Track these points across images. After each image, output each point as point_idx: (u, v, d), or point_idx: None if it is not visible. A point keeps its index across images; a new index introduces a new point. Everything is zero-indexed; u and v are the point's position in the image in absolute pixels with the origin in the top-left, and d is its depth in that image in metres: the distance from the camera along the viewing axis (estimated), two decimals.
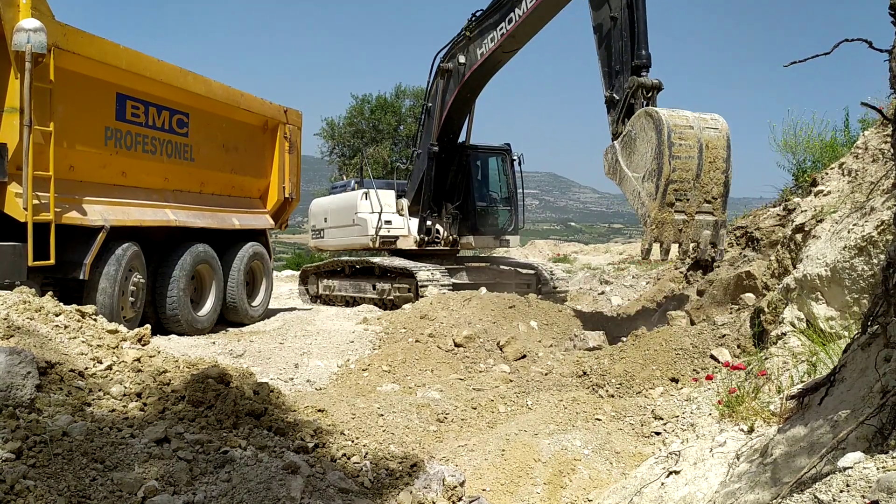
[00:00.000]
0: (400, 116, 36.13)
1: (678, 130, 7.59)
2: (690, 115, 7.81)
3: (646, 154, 7.76)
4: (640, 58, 8.48)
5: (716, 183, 7.83)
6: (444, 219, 13.80)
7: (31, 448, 2.86)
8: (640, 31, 8.50)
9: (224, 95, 11.18)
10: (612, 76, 8.71)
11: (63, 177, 8.23)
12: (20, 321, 4.12)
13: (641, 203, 7.84)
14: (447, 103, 12.25)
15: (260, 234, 12.40)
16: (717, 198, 7.89)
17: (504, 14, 10.54)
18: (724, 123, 7.93)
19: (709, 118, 7.90)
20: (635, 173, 7.92)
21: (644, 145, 7.79)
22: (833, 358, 4.10)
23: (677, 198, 7.68)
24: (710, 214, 7.93)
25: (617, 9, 8.64)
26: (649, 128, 7.71)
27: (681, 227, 7.80)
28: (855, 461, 2.21)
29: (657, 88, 8.47)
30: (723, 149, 7.82)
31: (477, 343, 8.21)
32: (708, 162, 7.73)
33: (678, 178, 7.62)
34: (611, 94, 8.74)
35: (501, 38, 10.68)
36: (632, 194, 8.03)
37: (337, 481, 3.37)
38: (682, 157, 7.61)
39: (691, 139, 7.64)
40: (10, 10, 7.50)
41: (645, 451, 5.08)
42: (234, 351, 8.58)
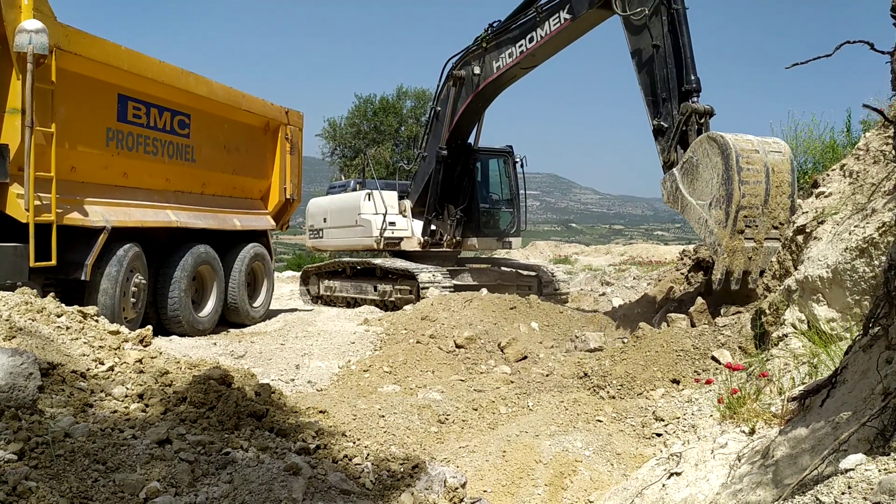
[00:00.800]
0: (401, 117, 36.15)
1: (745, 155, 7.44)
2: (754, 139, 7.67)
3: (711, 180, 7.62)
4: (689, 83, 8.40)
5: (783, 208, 7.66)
6: (447, 220, 13.80)
7: (34, 449, 2.87)
8: (687, 57, 8.42)
9: (225, 96, 11.19)
10: (659, 104, 8.60)
11: (64, 178, 8.23)
12: (22, 322, 4.13)
13: (710, 231, 7.68)
14: (458, 110, 12.23)
15: (261, 234, 12.40)
16: (783, 223, 7.66)
17: (525, 31, 10.47)
18: (786, 147, 7.82)
19: (771, 142, 7.77)
20: (700, 200, 7.76)
21: (709, 171, 7.64)
22: (834, 360, 4.10)
23: (747, 224, 7.54)
24: (778, 240, 7.64)
25: (658, 37, 8.54)
26: (714, 153, 7.56)
27: (750, 255, 7.64)
28: (856, 463, 2.21)
29: (710, 114, 8.39)
30: (788, 173, 7.66)
31: (478, 344, 8.21)
32: (775, 186, 7.57)
33: (748, 203, 7.46)
34: (658, 122, 8.62)
35: (521, 55, 10.62)
36: (697, 222, 7.86)
37: (338, 482, 3.37)
38: (750, 182, 7.45)
39: (758, 164, 7.49)
40: (12, 12, 7.51)
41: (646, 453, 5.08)
42: (235, 352, 8.59)
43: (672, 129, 8.45)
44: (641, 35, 8.75)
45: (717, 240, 7.58)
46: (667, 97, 8.54)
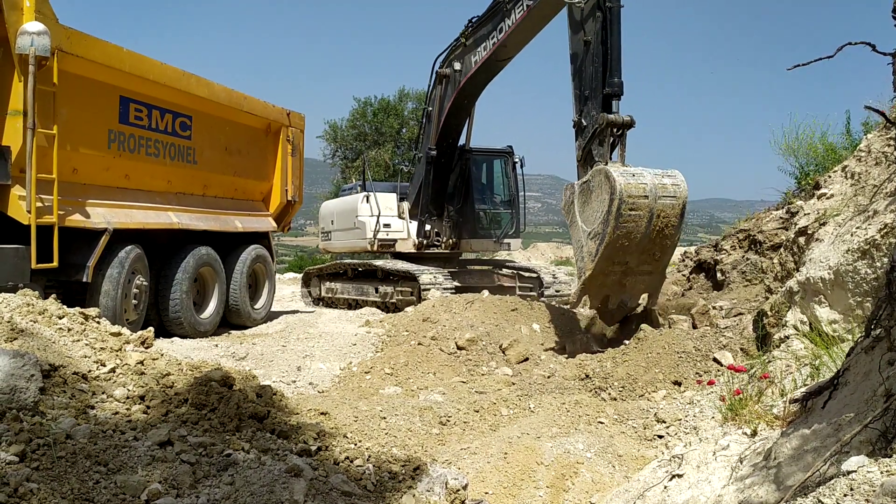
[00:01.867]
0: (402, 119, 36.15)
1: (631, 202, 7.47)
2: (649, 181, 7.62)
3: (597, 213, 7.71)
4: (611, 85, 8.26)
5: (660, 248, 7.87)
6: (444, 222, 13.80)
7: (35, 451, 2.87)
8: (612, 58, 8.30)
9: (227, 98, 11.20)
10: (582, 101, 8.55)
11: (66, 179, 8.24)
12: (24, 324, 4.13)
13: (581, 257, 7.93)
14: (445, 109, 12.27)
15: (262, 236, 12.41)
16: (658, 259, 7.98)
17: (496, 24, 10.54)
18: (683, 189, 7.80)
19: (669, 183, 7.73)
20: (584, 225, 7.89)
21: (597, 203, 7.72)
22: (836, 361, 4.10)
23: (615, 261, 7.76)
24: (648, 274, 8.11)
25: (591, 32, 8.45)
26: (605, 190, 7.59)
27: (613, 286, 8.07)
28: (859, 465, 2.21)
29: (627, 126, 8.30)
30: (675, 217, 7.75)
31: (479, 346, 8.21)
32: (656, 230, 7.69)
33: (620, 245, 7.61)
34: (579, 118, 8.59)
35: (493, 46, 10.68)
36: (576, 243, 8.11)
37: (340, 484, 3.36)
38: (629, 226, 7.55)
39: (643, 209, 7.55)
40: (14, 14, 7.52)
41: (648, 455, 5.07)
42: (236, 353, 8.59)
43: (589, 128, 8.40)
44: (578, 34, 8.68)
45: (584, 267, 7.87)
46: (589, 95, 8.46)
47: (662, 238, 7.77)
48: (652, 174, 7.75)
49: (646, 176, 7.68)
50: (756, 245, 8.69)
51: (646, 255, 7.86)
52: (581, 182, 8.10)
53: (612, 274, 7.92)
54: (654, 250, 7.85)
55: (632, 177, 7.61)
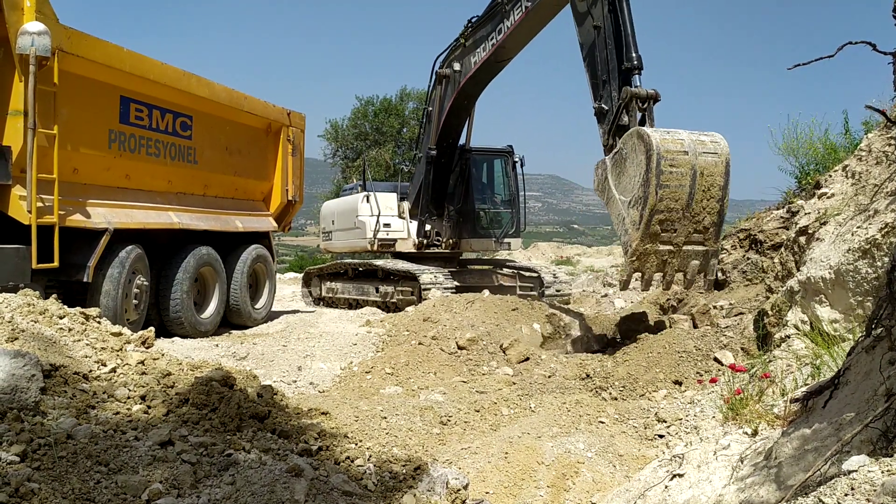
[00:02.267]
0: (403, 119, 36.16)
1: (670, 157, 7.03)
2: (686, 138, 7.23)
3: (634, 178, 7.25)
4: (629, 60, 8.00)
5: (709, 212, 7.33)
6: (444, 222, 13.80)
7: (36, 451, 2.87)
8: (627, 34, 8.07)
9: (227, 98, 11.20)
10: (599, 86, 8.33)
11: (67, 179, 8.24)
12: (24, 324, 4.13)
13: (625, 230, 7.41)
14: (445, 109, 12.27)
15: (263, 236, 12.41)
16: (708, 227, 7.40)
17: (495, 25, 10.52)
18: (724, 146, 7.38)
19: (708, 140, 7.31)
20: (623, 196, 7.44)
21: (633, 168, 7.29)
22: (837, 361, 4.10)
23: (663, 228, 7.22)
24: (701, 245, 7.47)
25: (599, 18, 8.30)
26: (640, 150, 7.18)
27: (665, 258, 7.38)
28: (859, 464, 2.21)
29: (653, 99, 7.94)
30: (720, 175, 7.26)
31: (480, 346, 8.21)
32: (701, 191, 7.20)
33: (665, 207, 7.12)
34: (599, 105, 8.32)
35: (492, 48, 10.66)
36: (616, 218, 7.61)
37: (341, 484, 3.37)
38: (671, 185, 7.08)
39: (684, 166, 7.10)
40: (14, 14, 7.52)
41: (648, 454, 5.08)
42: (237, 353, 8.59)
43: (611, 112, 8.12)
44: (586, 23, 8.55)
45: (629, 240, 7.31)
46: (607, 79, 8.23)
47: (709, 200, 7.22)
48: (688, 132, 7.32)
49: (682, 133, 7.25)
50: (757, 244, 8.69)
51: (694, 223, 7.29)
52: (612, 154, 7.65)
53: (661, 244, 7.28)
54: (703, 216, 7.29)
55: (667, 133, 7.19)
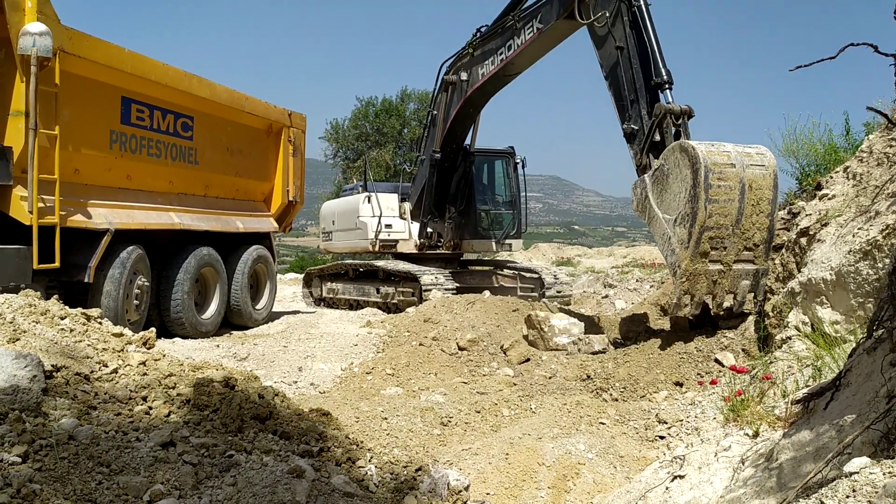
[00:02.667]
0: (404, 120, 36.19)
1: (717, 170, 6.71)
2: (732, 151, 6.92)
3: (679, 194, 6.95)
4: (658, 75, 7.80)
5: (758, 228, 6.93)
6: (446, 223, 13.81)
7: (38, 452, 2.87)
8: (654, 51, 7.88)
9: (228, 99, 11.21)
10: (627, 107, 8.12)
11: (68, 180, 8.25)
12: (26, 324, 4.13)
13: (672, 250, 7.02)
14: (450, 115, 12.26)
15: (264, 237, 12.42)
16: (759, 244, 6.99)
17: (505, 40, 10.45)
18: (771, 159, 7.06)
19: (754, 153, 7.00)
20: (666, 214, 7.10)
21: (678, 184, 6.98)
22: (838, 362, 4.10)
23: (713, 246, 6.84)
24: (751, 263, 7.04)
25: (621, 38, 8.15)
26: (684, 165, 6.86)
27: (715, 279, 6.96)
28: (861, 466, 2.21)
29: (688, 115, 7.70)
30: (768, 189, 6.91)
31: (480, 346, 8.21)
32: (750, 205, 6.83)
33: (715, 224, 6.77)
34: (628, 125, 8.10)
35: (501, 63, 10.61)
36: (661, 238, 7.22)
37: (342, 485, 3.37)
38: (720, 200, 6.74)
39: (732, 179, 6.76)
40: (16, 14, 7.53)
41: (649, 456, 5.08)
42: (238, 354, 8.60)
43: (642, 132, 7.92)
44: (606, 44, 8.40)
45: (677, 260, 6.95)
46: (634, 98, 8.05)
47: (758, 215, 6.85)
48: (734, 145, 6.99)
49: (727, 145, 6.94)
50: None
51: (744, 240, 6.91)
52: (652, 171, 7.36)
53: (711, 264, 6.90)
54: (753, 231, 6.91)
55: (711, 146, 6.89)
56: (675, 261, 6.98)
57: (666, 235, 7.07)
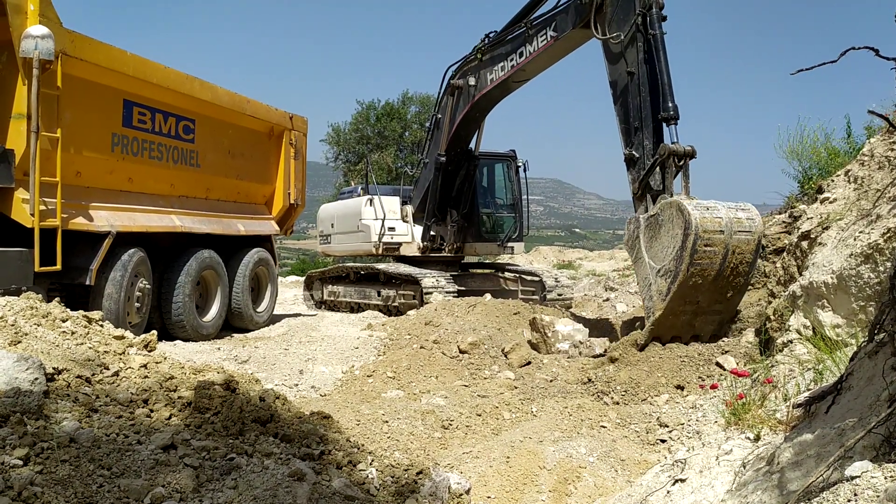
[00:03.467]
0: (405, 123, 36.22)
1: (706, 237, 7.01)
2: (724, 216, 7.17)
3: (667, 248, 7.28)
4: (666, 110, 7.95)
5: (733, 287, 7.35)
6: (448, 226, 13.80)
7: (39, 454, 2.87)
8: (664, 84, 8.00)
9: (230, 102, 11.23)
10: (631, 133, 8.29)
11: (70, 183, 8.26)
12: (27, 327, 4.14)
13: (650, 296, 7.46)
14: (456, 119, 12.23)
15: (265, 239, 12.42)
16: (731, 299, 7.43)
17: (515, 46, 10.40)
18: (758, 224, 7.39)
19: (744, 217, 7.28)
20: (652, 262, 7.47)
21: (668, 238, 7.31)
22: (840, 366, 4.10)
23: (688, 301, 7.26)
24: (719, 313, 7.51)
25: (633, 63, 8.25)
26: (677, 225, 7.17)
27: (684, 325, 7.45)
28: (862, 470, 2.21)
29: (690, 156, 7.92)
30: (750, 253, 7.27)
31: (481, 349, 8.20)
32: (730, 268, 7.20)
33: (694, 283, 7.14)
34: (629, 151, 8.30)
35: (512, 69, 10.57)
36: (643, 281, 7.65)
37: (343, 488, 3.37)
38: (703, 263, 7.08)
39: (718, 245, 7.08)
40: (18, 17, 7.55)
41: (650, 459, 5.07)
42: (239, 357, 8.59)
43: (643, 160, 8.13)
44: (619, 63, 8.48)
45: (653, 308, 7.37)
46: (639, 126, 8.22)
47: (736, 276, 7.28)
48: (726, 207, 7.32)
49: (720, 210, 7.26)
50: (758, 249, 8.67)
51: (718, 294, 7.35)
52: (648, 216, 7.70)
53: (682, 314, 7.36)
54: (728, 289, 7.36)
55: (706, 210, 7.18)
56: (651, 307, 7.43)
57: (648, 280, 7.50)
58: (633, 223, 7.91)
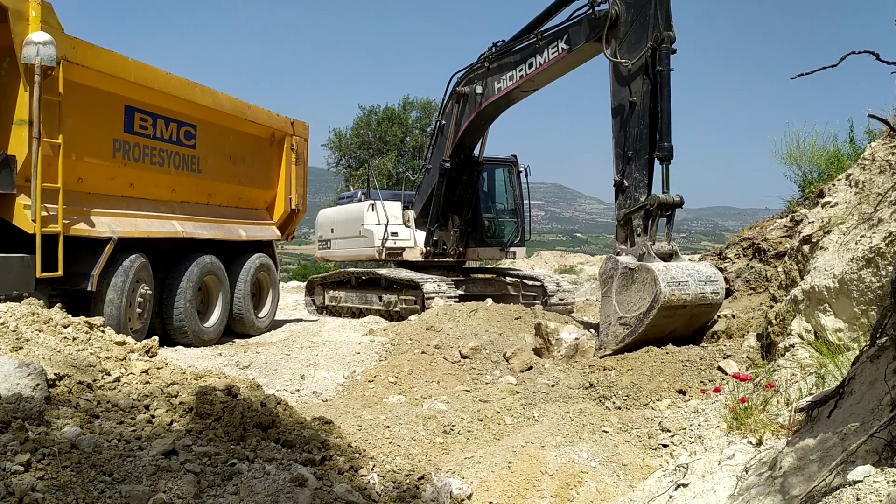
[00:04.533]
0: (406, 128, 36.23)
1: (668, 313, 7.66)
2: (691, 291, 7.77)
3: (633, 304, 7.86)
4: (661, 150, 8.29)
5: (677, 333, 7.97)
6: (451, 231, 13.80)
7: (40, 461, 2.87)
8: (663, 122, 8.26)
9: (231, 107, 11.24)
10: (624, 161, 8.50)
11: (71, 188, 8.27)
12: (29, 333, 4.14)
13: (607, 333, 8.11)
14: (461, 127, 12.22)
15: (266, 245, 12.42)
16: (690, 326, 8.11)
17: (525, 57, 10.42)
18: (721, 296, 8.05)
19: (709, 291, 7.91)
20: (618, 306, 8.03)
21: (637, 296, 7.85)
22: (842, 370, 4.09)
23: (639, 346, 7.76)
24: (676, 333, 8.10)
25: (637, 93, 8.39)
26: (647, 292, 7.70)
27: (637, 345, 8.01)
28: (865, 474, 2.20)
29: (677, 206, 8.40)
30: (711, 314, 8.09)
31: (483, 354, 8.19)
32: (683, 326, 7.96)
33: (648, 337, 7.77)
34: (620, 179, 8.55)
35: (521, 79, 10.59)
36: (604, 317, 8.23)
37: (344, 494, 3.36)
38: (661, 324, 7.73)
39: (678, 313, 7.77)
40: (20, 24, 7.57)
41: (652, 464, 5.06)
42: (240, 362, 8.59)
43: (631, 191, 8.42)
44: (622, 89, 8.59)
45: (605, 346, 8.08)
46: (633, 157, 8.43)
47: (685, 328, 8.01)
48: (696, 282, 7.83)
49: (689, 285, 7.79)
50: (760, 253, 8.68)
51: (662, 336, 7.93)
52: (625, 267, 8.09)
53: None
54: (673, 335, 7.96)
55: (677, 286, 7.69)
56: (604, 342, 8.12)
57: (609, 320, 8.12)
58: (612, 263, 8.31)
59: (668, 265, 7.93)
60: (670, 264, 8.00)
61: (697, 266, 8.24)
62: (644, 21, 8.37)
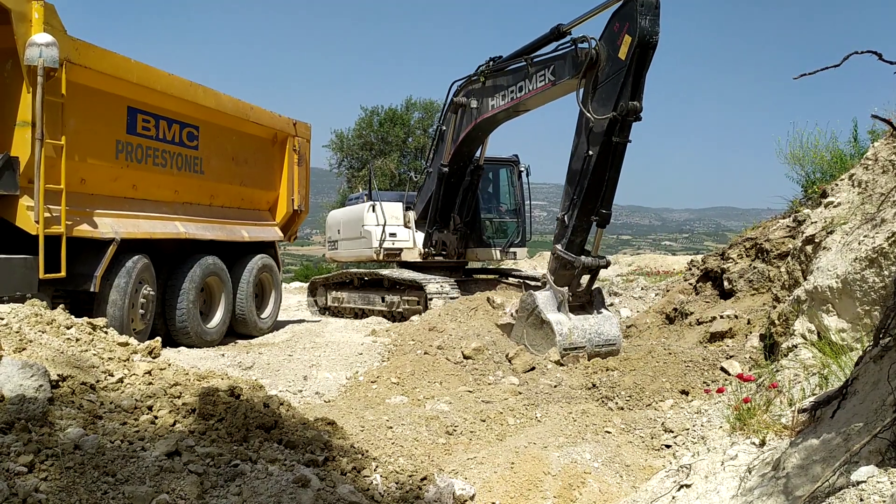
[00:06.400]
0: (408, 129, 36.24)
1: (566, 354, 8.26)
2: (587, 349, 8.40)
3: (537, 344, 8.50)
4: (598, 214, 8.69)
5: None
6: (451, 232, 13.79)
7: (43, 461, 2.87)
8: (607, 190, 8.56)
9: (233, 108, 11.25)
10: (570, 204, 8.79)
11: (74, 190, 8.28)
12: (32, 334, 4.14)
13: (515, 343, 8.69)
14: (459, 137, 12.20)
15: (269, 246, 12.43)
16: None
17: (516, 80, 10.45)
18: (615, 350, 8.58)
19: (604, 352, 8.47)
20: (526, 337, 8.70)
21: (540, 340, 8.48)
22: (845, 370, 4.08)
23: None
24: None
25: (595, 151, 8.44)
26: (547, 343, 8.35)
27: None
28: (868, 475, 2.20)
29: (601, 268, 9.07)
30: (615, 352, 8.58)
31: (486, 355, 8.19)
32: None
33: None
34: (562, 216, 8.92)
35: (512, 101, 10.62)
36: (515, 334, 8.93)
37: (347, 495, 3.36)
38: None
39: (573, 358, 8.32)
40: (22, 25, 7.58)
41: (655, 465, 5.05)
42: (243, 363, 8.59)
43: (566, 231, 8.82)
44: (583, 138, 8.68)
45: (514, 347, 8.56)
46: (576, 203, 8.70)
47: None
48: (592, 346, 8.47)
49: (585, 347, 8.46)
50: (763, 253, 8.67)
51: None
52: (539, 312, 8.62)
53: None
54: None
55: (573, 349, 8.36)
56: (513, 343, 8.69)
57: (517, 338, 8.84)
58: (530, 299, 8.86)
59: (573, 328, 8.42)
60: (575, 325, 8.47)
61: (601, 328, 8.67)
62: (616, 82, 8.29)
